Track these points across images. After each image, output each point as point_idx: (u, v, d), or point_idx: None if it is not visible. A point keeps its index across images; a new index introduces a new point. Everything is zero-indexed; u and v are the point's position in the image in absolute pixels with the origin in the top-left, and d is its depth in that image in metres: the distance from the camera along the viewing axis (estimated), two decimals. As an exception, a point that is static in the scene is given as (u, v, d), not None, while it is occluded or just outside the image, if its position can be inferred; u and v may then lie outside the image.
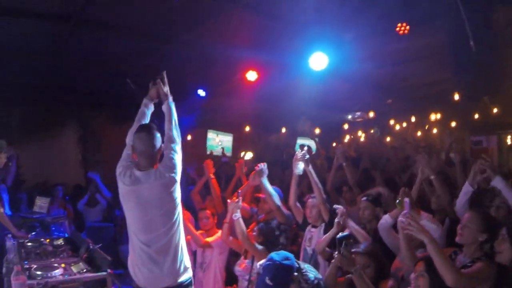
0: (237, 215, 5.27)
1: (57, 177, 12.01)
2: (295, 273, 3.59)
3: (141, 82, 4.96)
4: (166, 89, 4.52)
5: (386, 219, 4.92)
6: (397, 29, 7.10)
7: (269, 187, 5.77)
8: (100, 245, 4.92)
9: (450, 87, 11.26)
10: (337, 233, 4.83)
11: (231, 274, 6.06)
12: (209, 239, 6.11)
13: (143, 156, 4.01)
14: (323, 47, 7.50)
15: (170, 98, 4.46)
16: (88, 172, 9.22)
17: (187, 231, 5.73)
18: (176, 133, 4.19)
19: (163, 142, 4.09)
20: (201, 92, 11.13)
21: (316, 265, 5.36)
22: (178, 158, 4.01)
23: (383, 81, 11.10)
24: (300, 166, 5.67)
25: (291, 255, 3.63)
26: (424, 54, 9.14)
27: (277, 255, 3.61)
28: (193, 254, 6.87)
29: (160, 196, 3.90)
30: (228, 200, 5.44)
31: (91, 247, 4.89)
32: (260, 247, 5.20)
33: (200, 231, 6.23)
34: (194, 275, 6.03)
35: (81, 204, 10.16)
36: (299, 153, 5.70)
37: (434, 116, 13.99)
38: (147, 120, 4.47)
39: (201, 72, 9.96)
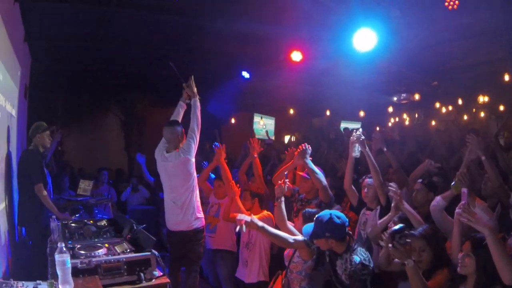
0: (281, 199, 5.18)
1: (101, 162, 12.16)
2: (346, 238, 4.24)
3: (184, 64, 5.07)
4: (195, 90, 5.97)
5: (438, 201, 4.74)
6: (446, 3, 6.78)
7: (313, 167, 5.73)
8: (144, 225, 4.85)
9: (500, 68, 10.79)
10: (392, 218, 4.80)
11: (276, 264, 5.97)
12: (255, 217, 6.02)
13: (169, 142, 5.86)
14: (370, 25, 7.25)
15: (197, 97, 5.95)
16: (137, 154, 9.30)
17: (236, 208, 6.13)
18: (196, 126, 5.81)
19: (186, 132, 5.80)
20: (245, 74, 10.99)
21: (369, 250, 5.22)
22: (194, 144, 5.75)
23: (429, 62, 10.72)
24: (356, 148, 5.55)
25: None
26: (473, 32, 8.70)
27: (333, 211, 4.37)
28: (236, 234, 6.89)
29: (179, 169, 5.75)
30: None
31: (135, 227, 4.82)
32: (299, 238, 5.04)
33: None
34: (239, 254, 6.41)
35: (124, 196, 10.27)
36: (355, 135, 5.57)
37: (482, 99, 13.46)
38: (179, 117, 6.06)
39: (245, 53, 9.77)
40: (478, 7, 7.43)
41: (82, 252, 4.23)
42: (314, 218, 4.37)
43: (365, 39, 7.47)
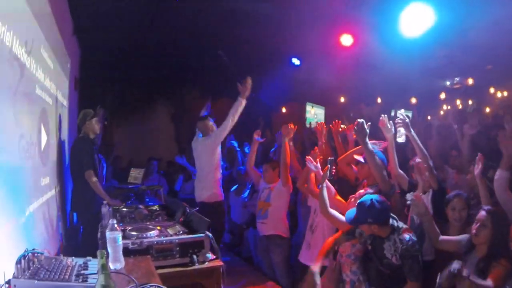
0: (324, 185, 5.22)
1: (150, 154, 12.15)
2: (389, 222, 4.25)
3: (234, 52, 4.95)
4: (247, 92, 6.77)
5: (499, 174, 4.45)
6: None
7: (370, 149, 5.17)
8: (197, 208, 4.76)
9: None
10: None
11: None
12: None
13: (201, 131, 7.31)
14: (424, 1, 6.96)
15: (244, 98, 6.80)
16: (176, 157, 9.45)
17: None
18: (229, 121, 6.83)
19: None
20: (296, 61, 10.79)
21: (421, 235, 5.00)
22: (221, 134, 6.98)
23: (483, 43, 10.25)
24: (401, 133, 5.25)
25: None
26: None
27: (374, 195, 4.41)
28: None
29: (204, 152, 7.08)
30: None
31: (188, 211, 4.74)
32: (342, 218, 4.87)
33: None
34: (304, 237, 6.30)
35: (177, 185, 10.29)
36: (398, 118, 5.18)
37: None
38: (236, 114, 6.90)
39: (294, 40, 9.56)
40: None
41: (134, 233, 4.17)
42: (357, 203, 4.37)
43: (417, 20, 7.16)
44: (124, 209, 5.58)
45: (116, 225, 3.30)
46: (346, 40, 8.60)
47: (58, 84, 6.64)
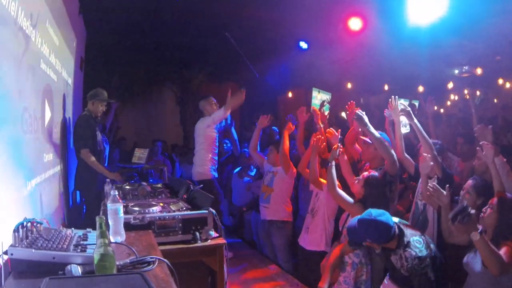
0: (332, 164, 5.15)
1: (156, 136, 12.15)
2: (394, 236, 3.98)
3: (242, 36, 4.86)
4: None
5: (498, 159, 4.41)
6: None
7: (376, 133, 5.19)
8: (201, 185, 4.72)
9: None
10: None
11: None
12: (322, 180, 5.88)
13: (203, 109, 7.51)
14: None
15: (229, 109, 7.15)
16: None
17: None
18: (222, 113, 7.16)
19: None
20: (303, 45, 10.66)
21: (425, 221, 4.99)
22: (217, 115, 7.18)
23: (493, 34, 10.11)
24: (404, 123, 5.21)
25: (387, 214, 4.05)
26: None
27: (375, 211, 4.07)
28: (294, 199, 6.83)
29: (200, 130, 7.35)
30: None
31: (191, 188, 4.70)
32: (350, 200, 4.83)
33: None
34: (304, 220, 6.28)
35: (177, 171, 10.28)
36: (397, 106, 5.15)
37: None
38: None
39: (302, 23, 9.42)
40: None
41: (136, 208, 4.12)
42: (357, 220, 4.14)
43: (428, 7, 7.04)
44: (127, 187, 5.54)
45: (117, 196, 3.26)
46: (355, 24, 8.41)
47: (64, 62, 6.61)
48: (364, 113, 5.30)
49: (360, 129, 5.64)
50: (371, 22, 8.49)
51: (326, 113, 7.27)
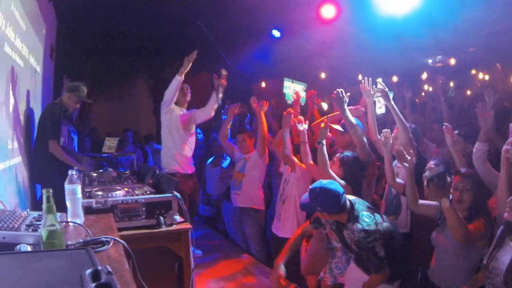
0: (323, 142, 5.00)
1: (129, 127, 12.01)
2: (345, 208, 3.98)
3: (213, 24, 4.79)
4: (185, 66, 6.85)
5: (477, 147, 4.43)
6: None
7: (351, 118, 5.20)
8: (167, 170, 4.66)
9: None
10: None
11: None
12: (295, 159, 5.93)
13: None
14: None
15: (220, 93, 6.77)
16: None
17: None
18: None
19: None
20: (276, 33, 10.58)
21: (398, 206, 4.99)
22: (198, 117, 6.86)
23: (466, 25, 10.15)
24: (381, 103, 5.16)
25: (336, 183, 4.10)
26: None
27: (325, 180, 4.11)
28: (268, 188, 6.76)
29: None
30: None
31: (157, 172, 4.63)
32: (342, 181, 4.79)
33: None
34: (275, 207, 6.29)
35: (148, 148, 10.14)
36: (377, 87, 5.12)
37: None
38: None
39: (275, 10, 9.34)
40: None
41: (99, 193, 4.04)
42: (308, 189, 4.10)
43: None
44: (94, 174, 5.45)
45: (75, 176, 3.16)
46: (328, 11, 8.34)
47: (32, 48, 6.44)
48: (346, 95, 5.23)
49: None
50: (344, 10, 8.44)
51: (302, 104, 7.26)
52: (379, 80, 5.27)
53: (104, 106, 13.47)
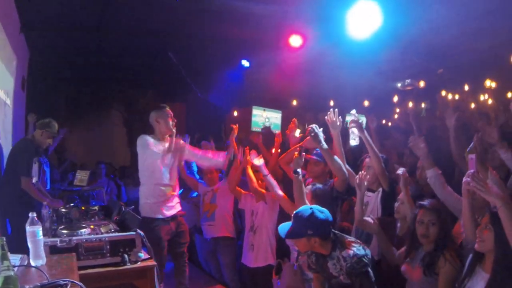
0: (299, 171, 4.85)
1: (103, 158, 11.97)
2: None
3: (185, 54, 4.86)
4: None
5: (430, 174, 4.40)
6: None
7: (329, 151, 5.13)
8: (132, 207, 4.66)
9: (506, 52, 10.33)
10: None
11: (282, 247, 5.80)
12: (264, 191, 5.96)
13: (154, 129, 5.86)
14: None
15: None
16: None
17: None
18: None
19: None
20: (245, 63, 10.69)
21: (369, 235, 4.99)
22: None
23: (433, 47, 10.32)
24: (355, 134, 5.19)
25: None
26: (478, 12, 8.22)
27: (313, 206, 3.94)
28: (238, 218, 6.76)
29: None
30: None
31: (123, 209, 4.63)
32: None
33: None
34: (244, 239, 6.23)
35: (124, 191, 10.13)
36: (351, 119, 5.20)
37: (489, 83, 12.83)
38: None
39: (244, 40, 9.39)
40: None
41: (64, 231, 4.04)
42: (293, 214, 3.94)
43: (365, 21, 7.13)
44: (63, 210, 5.42)
45: (35, 218, 3.17)
46: (295, 41, 8.49)
47: (1, 82, 6.45)
48: (320, 129, 5.14)
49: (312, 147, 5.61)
50: (311, 39, 8.58)
51: (277, 131, 7.30)
52: (353, 111, 5.34)
53: (78, 136, 13.42)
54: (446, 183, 4.41)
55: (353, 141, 5.24)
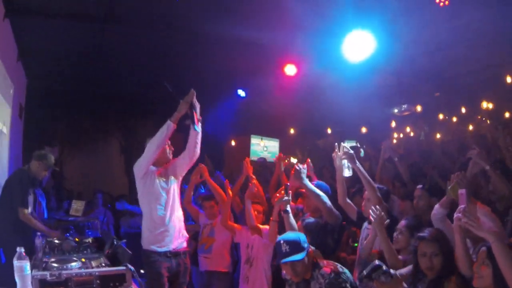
0: (288, 210, 4.94)
1: (101, 186, 11.93)
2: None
3: (181, 84, 4.95)
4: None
5: (436, 209, 4.40)
6: (437, 0, 6.40)
7: (312, 187, 5.23)
8: (124, 241, 4.59)
9: (501, 72, 10.32)
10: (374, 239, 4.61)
11: (277, 280, 5.66)
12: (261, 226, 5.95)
13: None
14: (366, 27, 6.96)
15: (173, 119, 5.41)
16: (116, 203, 9.21)
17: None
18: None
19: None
20: (241, 93, 10.73)
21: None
22: (142, 159, 5.38)
23: (429, 70, 10.33)
24: (346, 166, 5.14)
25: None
26: (471, 35, 8.14)
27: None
28: (234, 249, 6.84)
29: None
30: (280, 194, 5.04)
31: (115, 242, 4.56)
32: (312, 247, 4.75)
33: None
34: (240, 271, 6.17)
35: (119, 205, 9.96)
36: (341, 150, 5.11)
37: (486, 105, 12.84)
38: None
39: (240, 70, 9.48)
40: (472, 6, 7.02)
41: (55, 265, 3.97)
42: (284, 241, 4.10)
43: (359, 46, 7.17)
44: (56, 241, 5.35)
45: (23, 253, 3.14)
46: (290, 70, 8.56)
47: (-4, 110, 6.45)
48: (303, 167, 5.25)
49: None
50: (306, 67, 8.62)
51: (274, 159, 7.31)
52: (345, 144, 5.31)
53: (77, 165, 13.42)
54: None
55: (346, 173, 5.20)
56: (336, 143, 5.30)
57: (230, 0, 6.93)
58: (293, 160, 9.37)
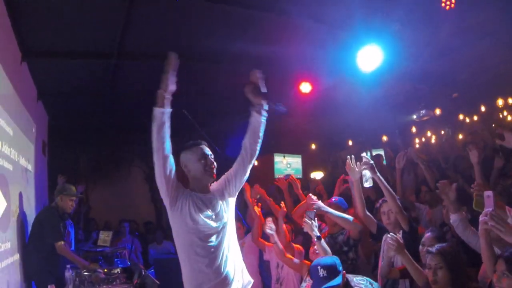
0: (319, 235, 4.89)
1: (127, 215, 12.07)
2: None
3: (198, 108, 4.90)
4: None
5: (454, 218, 4.36)
6: (443, 4, 6.37)
7: (331, 211, 5.30)
8: (152, 270, 4.68)
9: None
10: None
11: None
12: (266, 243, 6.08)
13: None
14: (376, 42, 7.02)
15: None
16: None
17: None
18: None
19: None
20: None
21: (395, 282, 4.89)
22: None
23: (442, 73, 10.25)
24: (367, 176, 5.13)
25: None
26: (479, 34, 8.03)
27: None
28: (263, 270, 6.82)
29: None
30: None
31: (143, 273, 4.65)
32: None
33: None
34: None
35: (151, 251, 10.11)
36: (361, 161, 5.09)
37: (502, 101, 12.54)
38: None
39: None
40: (478, 5, 6.97)
41: (85, 298, 4.06)
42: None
43: (371, 57, 7.19)
44: (85, 273, 5.46)
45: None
46: (305, 87, 8.60)
47: (20, 150, 6.55)
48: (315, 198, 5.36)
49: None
50: (320, 83, 8.65)
51: (298, 175, 7.33)
52: (364, 154, 5.31)
53: (102, 195, 13.55)
54: None
55: (367, 183, 5.19)
56: (348, 156, 5.30)
57: (247, 27, 6.98)
58: (319, 174, 9.35)
